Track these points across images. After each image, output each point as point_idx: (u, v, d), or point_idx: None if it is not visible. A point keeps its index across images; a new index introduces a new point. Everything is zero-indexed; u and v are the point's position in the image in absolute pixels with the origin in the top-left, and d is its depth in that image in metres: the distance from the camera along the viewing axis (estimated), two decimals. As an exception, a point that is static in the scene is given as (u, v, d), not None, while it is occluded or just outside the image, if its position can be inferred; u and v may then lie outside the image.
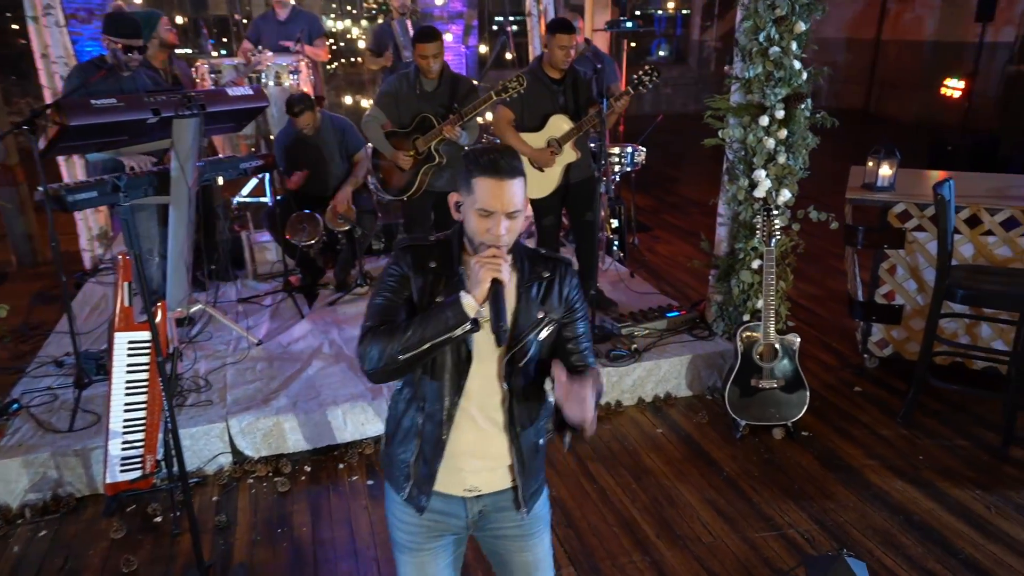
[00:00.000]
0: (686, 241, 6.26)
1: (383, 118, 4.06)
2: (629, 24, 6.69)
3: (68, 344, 3.52)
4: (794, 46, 3.43)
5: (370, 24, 8.81)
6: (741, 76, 3.57)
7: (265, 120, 5.55)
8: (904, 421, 3.59)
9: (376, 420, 3.40)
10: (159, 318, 2.71)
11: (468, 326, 1.51)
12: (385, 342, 1.53)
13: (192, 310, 4.11)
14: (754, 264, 3.66)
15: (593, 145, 4.28)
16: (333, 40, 8.90)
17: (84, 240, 5.32)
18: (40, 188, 3.12)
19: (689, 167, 9.04)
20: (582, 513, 2.99)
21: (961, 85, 9.16)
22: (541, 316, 1.65)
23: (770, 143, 3.51)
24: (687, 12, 14.28)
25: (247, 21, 8.32)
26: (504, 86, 3.66)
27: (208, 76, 5.46)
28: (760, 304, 3.55)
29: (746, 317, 3.71)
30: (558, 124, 3.92)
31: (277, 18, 5.79)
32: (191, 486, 2.94)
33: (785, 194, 3.59)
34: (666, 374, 3.82)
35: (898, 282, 3.95)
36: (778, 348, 3.40)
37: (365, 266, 4.77)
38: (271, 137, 5.35)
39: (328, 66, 8.99)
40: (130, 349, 2.82)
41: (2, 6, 9.81)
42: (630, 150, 5.39)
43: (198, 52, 7.91)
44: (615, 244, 5.38)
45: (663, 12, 14.21)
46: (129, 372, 2.83)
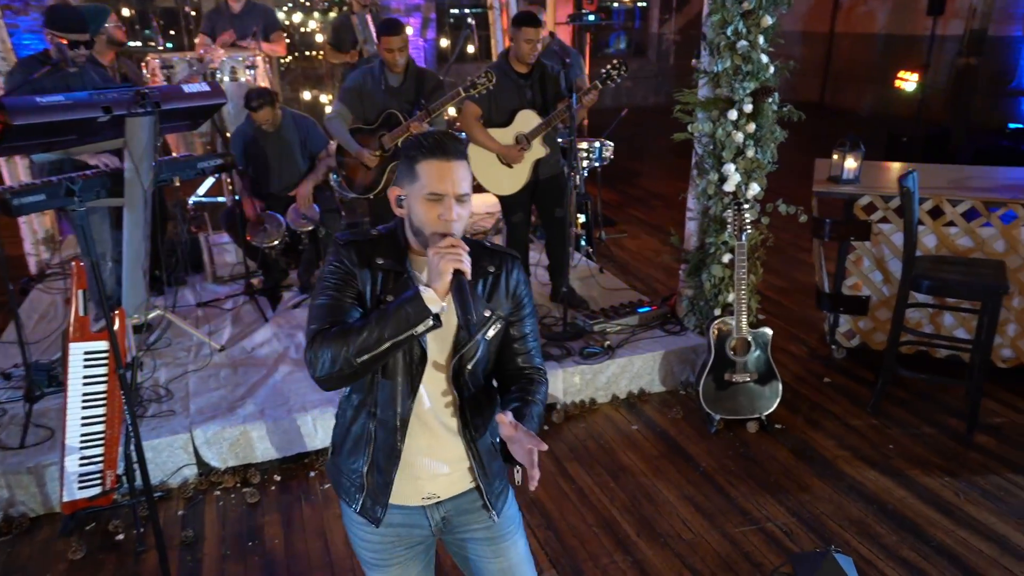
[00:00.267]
0: (652, 235, 6.27)
1: (348, 114, 3.95)
2: (592, 17, 6.67)
3: (16, 355, 3.36)
4: (761, 40, 3.43)
5: (324, 16, 8.62)
6: (709, 70, 3.56)
7: (221, 117, 5.36)
8: (873, 411, 3.65)
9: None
10: (117, 326, 2.58)
11: (430, 322, 1.40)
12: (339, 345, 1.40)
13: (150, 316, 3.94)
14: (725, 258, 3.67)
15: (562, 140, 4.24)
16: (288, 34, 8.68)
17: (29, 244, 5.07)
18: (-19, 191, 2.95)
19: (651, 160, 9.07)
20: (561, 514, 2.96)
21: (915, 78, 9.37)
22: (488, 314, 1.57)
23: (739, 137, 3.51)
24: (644, 5, 14.34)
25: (195, 13, 8.05)
26: (473, 82, 3.60)
27: (160, 72, 5.26)
28: (731, 298, 3.56)
29: (717, 311, 3.72)
30: (526, 119, 3.87)
31: (231, 11, 5.59)
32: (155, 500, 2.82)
33: (754, 188, 3.60)
34: (639, 370, 3.80)
35: (864, 273, 4.00)
36: (751, 341, 3.42)
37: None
38: (228, 135, 5.18)
39: (283, 60, 8.77)
40: (87, 360, 2.69)
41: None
42: (598, 145, 5.37)
43: (147, 47, 7.63)
44: (583, 240, 5.37)
45: (620, 5, 14.24)
46: (86, 384, 2.70)
